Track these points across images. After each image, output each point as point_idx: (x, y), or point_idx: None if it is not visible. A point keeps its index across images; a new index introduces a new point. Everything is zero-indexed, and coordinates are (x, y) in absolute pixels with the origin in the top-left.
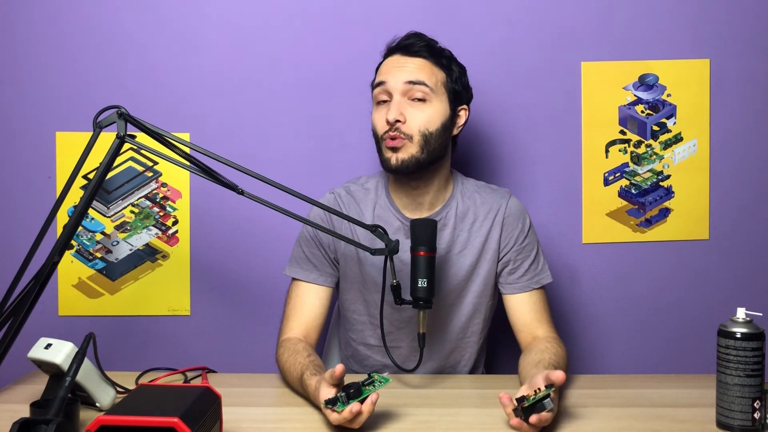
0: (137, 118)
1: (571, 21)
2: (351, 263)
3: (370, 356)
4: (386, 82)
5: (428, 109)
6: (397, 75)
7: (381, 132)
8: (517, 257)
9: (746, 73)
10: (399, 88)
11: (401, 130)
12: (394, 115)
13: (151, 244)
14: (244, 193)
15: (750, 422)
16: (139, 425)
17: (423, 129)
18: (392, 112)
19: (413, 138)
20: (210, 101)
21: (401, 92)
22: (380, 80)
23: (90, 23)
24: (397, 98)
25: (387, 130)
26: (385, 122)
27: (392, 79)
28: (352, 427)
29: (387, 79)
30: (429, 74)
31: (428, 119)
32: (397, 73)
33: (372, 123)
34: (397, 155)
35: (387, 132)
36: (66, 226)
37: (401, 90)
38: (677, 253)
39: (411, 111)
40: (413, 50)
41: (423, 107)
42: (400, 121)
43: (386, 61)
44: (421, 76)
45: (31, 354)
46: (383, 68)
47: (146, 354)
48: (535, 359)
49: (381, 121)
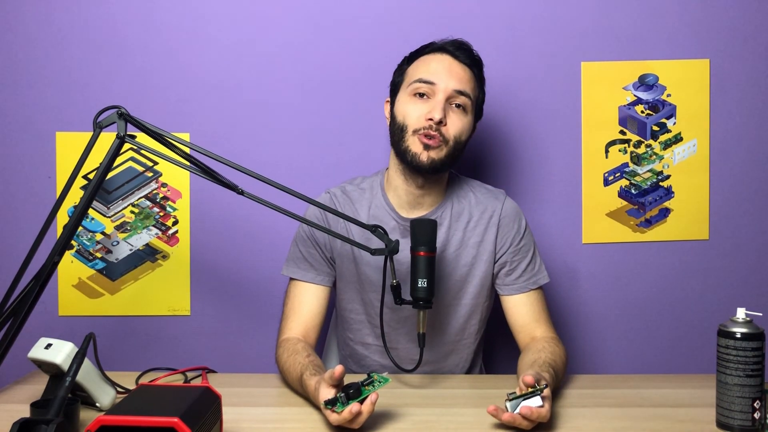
0: (137, 118)
1: (571, 21)
2: (347, 263)
3: (368, 356)
4: (435, 84)
5: (465, 118)
6: (449, 79)
7: (417, 125)
8: (513, 258)
9: (746, 73)
10: (447, 92)
11: (441, 131)
12: (440, 115)
13: (151, 244)
14: (244, 193)
15: (750, 422)
16: (139, 425)
17: (458, 136)
18: (438, 111)
19: (449, 143)
20: (210, 101)
21: (447, 96)
22: (428, 78)
23: (90, 23)
24: (441, 98)
25: (425, 126)
26: (426, 118)
27: (443, 81)
28: (352, 427)
29: (437, 80)
30: (473, 87)
31: (463, 128)
32: (449, 77)
33: (399, 112)
34: (429, 153)
35: (425, 128)
36: (66, 226)
37: (448, 94)
38: (677, 254)
39: (452, 116)
40: (464, 59)
41: (462, 116)
42: (443, 123)
43: (433, 57)
44: (468, 88)
45: (31, 354)
46: (431, 66)
47: (146, 354)
48: (532, 359)
49: (419, 114)
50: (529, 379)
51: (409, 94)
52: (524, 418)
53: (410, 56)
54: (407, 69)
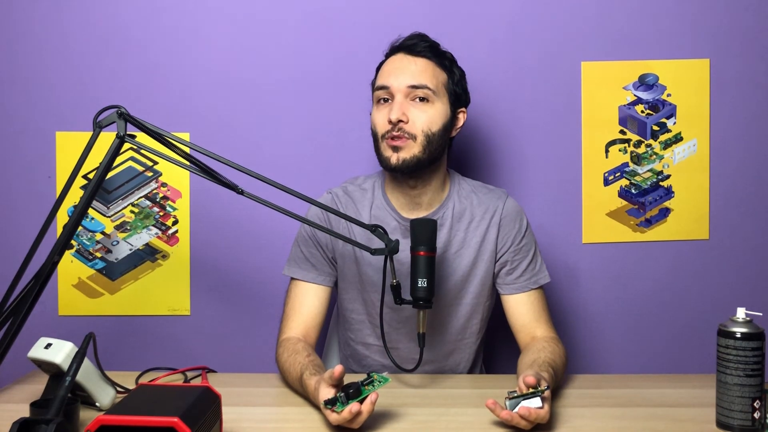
0: (137, 117)
1: (571, 21)
2: (349, 263)
3: (369, 356)
4: (389, 87)
5: (430, 109)
6: (400, 78)
7: (382, 131)
8: (514, 258)
9: (746, 73)
10: (402, 91)
11: (404, 129)
12: (396, 114)
13: (151, 244)
14: (244, 193)
15: (750, 422)
16: (139, 425)
17: (426, 129)
18: (395, 111)
19: (417, 138)
20: (210, 101)
21: (404, 94)
22: (382, 83)
23: (90, 23)
24: (400, 98)
25: (389, 129)
26: (387, 122)
27: (395, 81)
28: (352, 427)
29: (389, 83)
30: (431, 76)
31: (430, 119)
32: (400, 75)
33: (372, 122)
34: (398, 154)
35: (389, 131)
36: (66, 226)
37: (404, 92)
38: (677, 253)
39: (414, 111)
40: (417, 50)
41: (425, 107)
42: (403, 121)
43: (388, 60)
44: (423, 79)
45: (31, 354)
46: (385, 69)
47: (146, 354)
48: (531, 359)
49: (382, 120)
50: (530, 380)
51: (375, 103)
52: (522, 418)
53: (378, 66)
54: (374, 80)
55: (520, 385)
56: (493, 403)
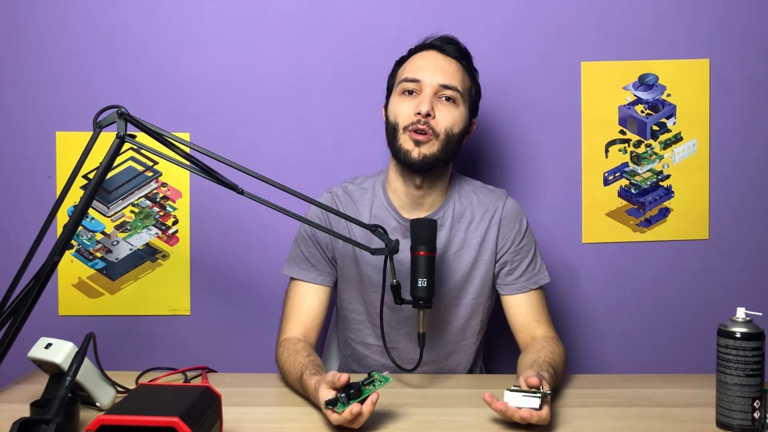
0: (137, 117)
1: (571, 21)
2: (349, 263)
3: (369, 356)
4: (420, 81)
5: (456, 110)
6: (434, 74)
7: (406, 122)
8: (514, 258)
9: (746, 73)
10: (433, 87)
11: (430, 124)
12: (426, 108)
13: (151, 244)
14: (244, 193)
15: (750, 422)
16: (139, 425)
17: (449, 129)
18: (425, 104)
19: (439, 136)
20: (210, 101)
21: (434, 90)
22: (413, 76)
23: (90, 23)
24: (429, 93)
25: (415, 121)
26: (415, 113)
27: (428, 77)
28: (353, 427)
29: (422, 77)
30: (461, 79)
31: (454, 120)
32: (434, 72)
33: (391, 112)
34: (420, 149)
35: (415, 123)
36: (66, 226)
37: (434, 89)
38: (677, 253)
39: (441, 109)
40: (450, 52)
41: (451, 108)
42: (431, 116)
43: (420, 55)
44: (454, 81)
45: (31, 354)
46: (417, 63)
47: (146, 354)
48: (531, 359)
49: (408, 111)
50: (534, 381)
51: (398, 94)
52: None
53: (400, 59)
54: (398, 71)
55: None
56: (489, 396)
